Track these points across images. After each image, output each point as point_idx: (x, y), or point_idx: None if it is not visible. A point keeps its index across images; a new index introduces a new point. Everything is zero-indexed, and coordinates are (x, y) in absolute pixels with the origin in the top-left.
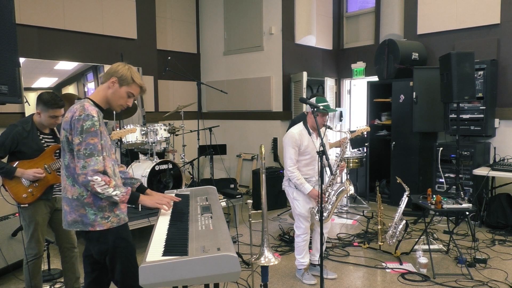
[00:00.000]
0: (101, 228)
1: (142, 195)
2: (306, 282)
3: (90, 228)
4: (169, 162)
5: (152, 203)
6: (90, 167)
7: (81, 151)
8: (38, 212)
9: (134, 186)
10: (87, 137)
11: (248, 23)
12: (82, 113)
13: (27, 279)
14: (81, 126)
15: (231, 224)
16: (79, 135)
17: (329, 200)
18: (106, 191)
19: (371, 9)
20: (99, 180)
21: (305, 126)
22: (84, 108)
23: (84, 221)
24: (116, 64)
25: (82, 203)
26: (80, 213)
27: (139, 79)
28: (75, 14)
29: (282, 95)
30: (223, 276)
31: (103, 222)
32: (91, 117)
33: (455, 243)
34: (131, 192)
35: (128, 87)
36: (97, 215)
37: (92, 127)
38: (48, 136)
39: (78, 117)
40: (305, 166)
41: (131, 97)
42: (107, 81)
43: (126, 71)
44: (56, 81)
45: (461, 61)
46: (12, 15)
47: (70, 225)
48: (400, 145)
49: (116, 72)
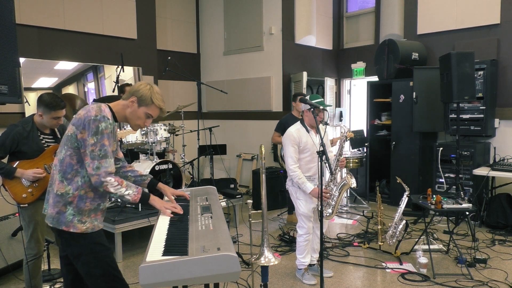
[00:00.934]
0: (74, 231)
1: (152, 196)
2: (306, 282)
3: (64, 227)
4: (169, 162)
5: (160, 206)
6: (104, 169)
7: (96, 152)
8: (38, 212)
9: (145, 182)
10: (102, 139)
11: (248, 23)
12: (99, 114)
13: (27, 279)
14: (96, 127)
15: (231, 224)
16: (94, 136)
17: (332, 195)
18: (119, 191)
19: (371, 9)
20: (112, 181)
21: (302, 124)
22: (100, 109)
23: (60, 218)
24: (139, 83)
25: (65, 201)
26: (59, 209)
27: (159, 100)
28: (75, 14)
29: (282, 95)
30: (223, 276)
31: (79, 225)
32: (106, 119)
33: (455, 243)
34: (143, 192)
35: (146, 108)
36: (75, 216)
37: (107, 129)
38: (49, 136)
39: (94, 117)
40: (306, 164)
41: (150, 118)
42: (127, 99)
43: (147, 91)
44: (56, 81)
45: (461, 61)
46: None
47: (47, 218)
48: (400, 145)
49: (137, 92)
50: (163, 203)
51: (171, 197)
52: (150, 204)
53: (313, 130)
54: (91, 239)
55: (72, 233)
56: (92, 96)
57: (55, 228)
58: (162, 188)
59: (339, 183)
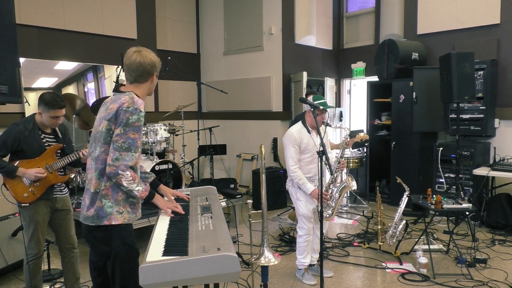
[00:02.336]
0: (116, 222)
1: (157, 195)
2: (306, 282)
3: (106, 221)
4: (169, 162)
5: (162, 205)
6: (124, 161)
7: (119, 143)
8: (39, 212)
9: (148, 181)
10: (129, 131)
11: (248, 23)
12: (131, 106)
13: (27, 279)
14: (126, 119)
15: (231, 224)
16: (121, 127)
17: (332, 197)
18: (131, 186)
19: (371, 9)
20: (128, 175)
21: (303, 125)
22: (133, 101)
23: (100, 214)
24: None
25: (100, 195)
26: (97, 206)
27: None
28: (75, 14)
29: (282, 95)
30: (223, 276)
31: (118, 217)
32: (138, 111)
33: (455, 243)
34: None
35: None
36: (113, 208)
37: (137, 122)
38: (50, 136)
39: (126, 108)
40: (306, 164)
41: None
42: (149, 78)
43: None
44: (56, 81)
45: (461, 61)
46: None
47: (86, 219)
48: (400, 145)
49: (155, 67)
50: (166, 202)
51: (171, 198)
52: (152, 203)
53: (314, 131)
54: (122, 239)
55: (107, 230)
56: (92, 96)
57: (94, 226)
58: (163, 189)
59: (339, 185)
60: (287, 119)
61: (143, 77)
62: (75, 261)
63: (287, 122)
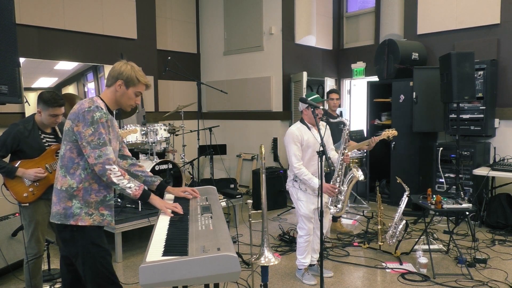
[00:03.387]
0: (82, 224)
1: (153, 195)
2: (306, 282)
3: (72, 221)
4: (169, 162)
5: (161, 206)
6: (106, 156)
7: (95, 141)
8: (39, 212)
9: (155, 184)
10: (99, 127)
11: (248, 23)
12: (92, 105)
13: (27, 278)
14: (91, 117)
15: (231, 224)
16: (90, 126)
17: (341, 190)
18: (122, 182)
19: (371, 9)
20: (116, 170)
21: (302, 123)
22: (93, 100)
23: (67, 213)
24: (118, 65)
25: (71, 195)
26: (66, 205)
27: (143, 77)
28: (75, 14)
29: (282, 95)
30: (223, 276)
31: (86, 218)
32: (100, 108)
33: (455, 243)
34: (144, 188)
35: (134, 88)
36: (82, 209)
37: (102, 118)
38: (50, 135)
39: (87, 108)
40: (307, 162)
41: (139, 95)
42: (114, 84)
43: (130, 71)
44: (56, 81)
45: (461, 61)
46: (12, 15)
47: (53, 217)
48: (400, 145)
49: (121, 75)
50: (164, 202)
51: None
52: (149, 203)
53: (314, 128)
54: (88, 239)
55: (73, 231)
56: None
57: (60, 225)
58: (172, 190)
59: (346, 177)
60: (287, 119)
61: (108, 80)
62: None
63: (287, 122)
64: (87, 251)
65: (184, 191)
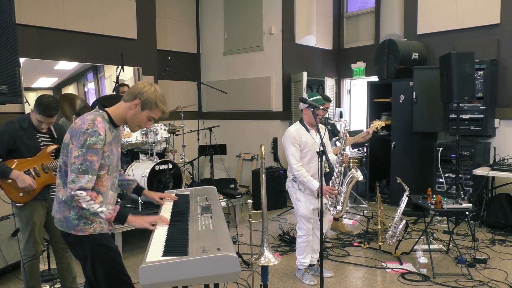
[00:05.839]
0: (82, 234)
1: (130, 216)
2: (306, 282)
3: (72, 231)
4: (169, 162)
5: (142, 224)
6: (79, 183)
7: (76, 165)
8: (35, 213)
9: (131, 187)
10: (87, 153)
11: (248, 23)
12: (90, 128)
13: (25, 280)
14: (84, 140)
15: (231, 224)
16: (79, 149)
17: (340, 191)
18: (91, 206)
19: (371, 9)
20: (84, 195)
21: (301, 124)
22: (94, 123)
23: (67, 223)
24: (142, 84)
25: (69, 206)
26: (65, 214)
27: (163, 103)
28: (75, 14)
29: (282, 95)
30: (223, 276)
31: (86, 228)
32: (97, 134)
33: (455, 243)
34: (119, 211)
35: (150, 112)
36: (80, 220)
37: (96, 144)
38: (45, 135)
39: (85, 130)
40: (306, 164)
41: (151, 120)
42: (130, 101)
43: (151, 94)
44: (56, 81)
45: (461, 61)
46: (12, 15)
47: (56, 222)
48: (400, 145)
49: (141, 94)
50: (145, 219)
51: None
52: (151, 204)
53: (313, 129)
54: (95, 241)
55: (79, 237)
56: (92, 96)
57: (63, 232)
58: (148, 194)
59: (345, 178)
60: (287, 119)
61: (127, 95)
62: (71, 260)
63: (287, 122)
64: (95, 252)
65: (160, 197)
